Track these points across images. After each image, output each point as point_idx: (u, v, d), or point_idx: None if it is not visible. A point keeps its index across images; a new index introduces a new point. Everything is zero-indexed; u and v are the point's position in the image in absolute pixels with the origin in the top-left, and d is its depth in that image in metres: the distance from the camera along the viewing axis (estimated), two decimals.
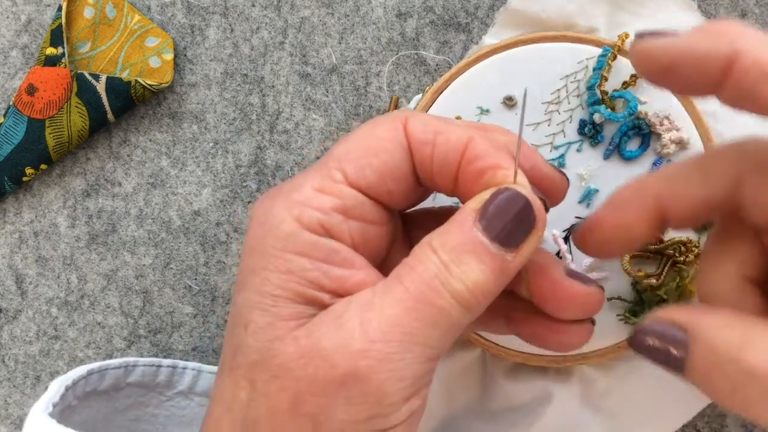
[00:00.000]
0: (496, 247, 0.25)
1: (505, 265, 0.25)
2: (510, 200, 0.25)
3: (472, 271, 0.25)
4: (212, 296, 0.43)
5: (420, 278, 0.24)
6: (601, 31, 0.39)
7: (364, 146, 0.26)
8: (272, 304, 0.25)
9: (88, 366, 0.36)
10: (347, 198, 0.26)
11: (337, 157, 0.26)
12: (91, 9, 0.42)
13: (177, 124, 0.43)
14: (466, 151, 0.26)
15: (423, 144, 0.27)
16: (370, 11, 0.42)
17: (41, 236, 0.43)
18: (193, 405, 0.41)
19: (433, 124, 0.27)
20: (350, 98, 0.42)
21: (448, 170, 0.27)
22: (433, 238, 0.25)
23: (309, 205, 0.25)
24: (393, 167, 0.27)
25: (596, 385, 0.39)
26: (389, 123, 0.27)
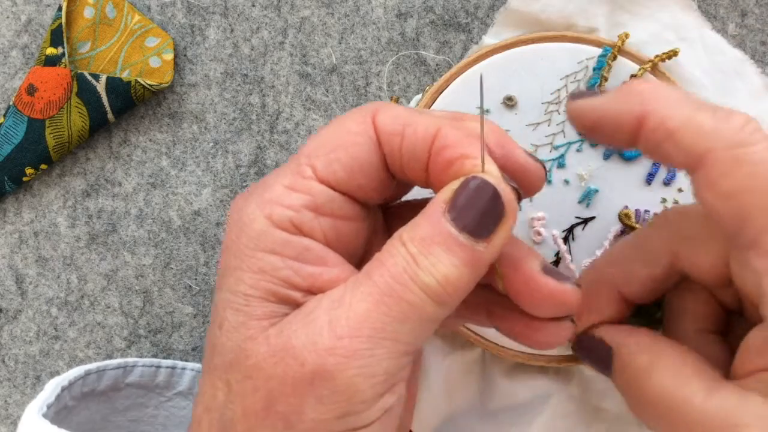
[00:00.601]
0: (466, 237, 0.24)
1: (477, 256, 0.25)
2: (478, 189, 0.25)
3: (441, 264, 0.24)
4: (212, 296, 0.43)
5: (388, 272, 0.24)
6: (601, 31, 0.39)
7: (332, 141, 0.26)
8: (245, 303, 0.25)
9: (85, 366, 0.36)
10: (317, 195, 0.26)
11: (306, 153, 0.26)
12: (91, 9, 0.42)
13: (177, 124, 0.43)
14: (434, 141, 0.26)
15: (391, 136, 0.26)
16: (370, 11, 0.42)
17: (41, 236, 0.43)
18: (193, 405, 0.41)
19: (402, 115, 0.26)
20: (350, 98, 0.42)
21: (417, 162, 0.26)
22: (403, 231, 0.25)
23: (279, 203, 0.25)
24: (362, 161, 0.26)
25: (596, 385, 0.39)
26: (358, 116, 0.27)
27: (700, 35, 0.39)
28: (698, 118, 0.25)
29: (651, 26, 0.39)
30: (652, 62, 0.37)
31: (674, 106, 0.25)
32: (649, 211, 0.38)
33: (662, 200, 0.38)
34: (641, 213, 0.38)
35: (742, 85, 0.39)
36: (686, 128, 0.25)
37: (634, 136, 0.26)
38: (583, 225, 0.38)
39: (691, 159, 0.25)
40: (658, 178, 0.38)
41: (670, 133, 0.25)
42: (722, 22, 0.40)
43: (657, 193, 0.38)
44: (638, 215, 0.38)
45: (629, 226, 0.37)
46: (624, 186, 0.38)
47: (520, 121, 0.38)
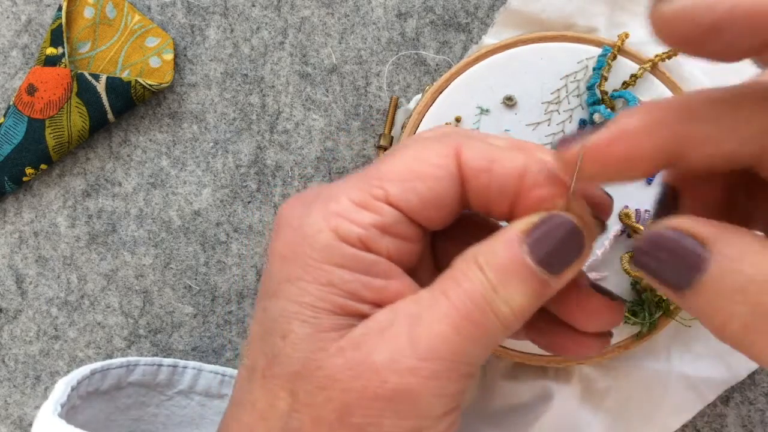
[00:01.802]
0: (542, 271, 0.25)
1: (547, 289, 0.25)
2: (560, 226, 0.25)
3: (517, 294, 0.25)
4: (212, 296, 0.43)
5: (467, 296, 0.25)
6: (601, 30, 0.39)
7: (410, 168, 0.26)
8: (312, 315, 0.25)
9: (91, 366, 0.36)
10: (387, 216, 0.26)
11: (380, 175, 0.26)
12: (91, 9, 0.42)
13: (177, 124, 0.43)
14: (523, 179, 0.26)
15: (479, 172, 0.26)
16: (370, 11, 0.42)
17: (41, 236, 0.43)
18: (194, 404, 0.41)
19: (486, 151, 0.26)
20: (350, 98, 0.42)
21: (504, 198, 0.26)
22: (478, 254, 0.25)
23: (347, 218, 0.25)
24: (437, 195, 0.26)
25: (596, 384, 0.39)
26: (441, 148, 0.26)
27: None
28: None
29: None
30: (652, 62, 0.38)
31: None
32: (649, 210, 0.38)
33: None
34: (641, 213, 0.38)
35: None
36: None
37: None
38: None
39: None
40: (658, 178, 0.38)
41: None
42: None
43: None
44: (638, 215, 0.38)
45: (629, 226, 0.37)
46: (624, 186, 0.38)
47: (520, 120, 0.38)
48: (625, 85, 0.38)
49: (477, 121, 0.38)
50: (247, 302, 0.43)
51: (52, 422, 0.31)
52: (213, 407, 0.41)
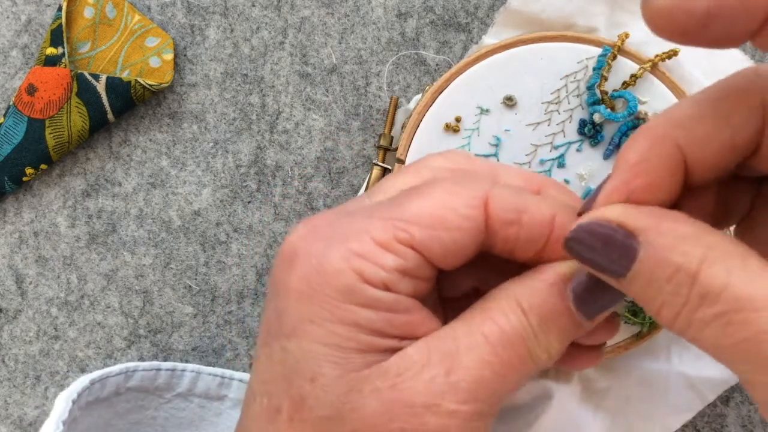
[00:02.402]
0: (580, 317, 0.25)
1: (580, 333, 0.26)
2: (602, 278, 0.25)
3: (556, 342, 0.25)
4: (212, 296, 0.43)
5: (509, 341, 0.24)
6: (601, 30, 0.39)
7: (438, 215, 0.25)
8: (342, 356, 0.25)
9: (90, 376, 0.36)
10: (410, 260, 0.25)
11: (405, 218, 0.25)
12: (91, 9, 0.42)
13: (177, 124, 0.43)
14: (553, 230, 0.26)
15: (508, 225, 0.26)
16: (370, 11, 0.42)
17: (41, 236, 0.43)
18: (193, 406, 0.41)
19: (514, 202, 0.26)
20: (350, 98, 0.42)
21: (532, 248, 0.26)
22: (518, 293, 0.25)
23: (371, 260, 0.25)
24: (462, 245, 0.26)
25: (596, 384, 0.39)
26: (470, 197, 0.26)
27: None
28: None
29: None
30: (651, 62, 0.38)
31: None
32: None
33: None
34: None
35: None
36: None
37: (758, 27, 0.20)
38: None
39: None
40: None
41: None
42: None
43: None
44: None
45: None
46: None
47: (520, 120, 0.38)
48: (625, 85, 0.38)
49: (477, 121, 0.38)
50: (247, 302, 0.43)
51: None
52: (212, 409, 0.41)
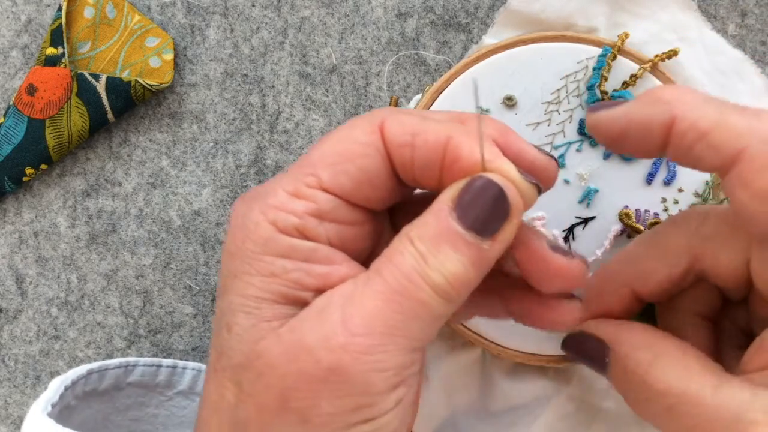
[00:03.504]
0: (472, 236, 0.25)
1: (483, 254, 0.25)
2: (484, 188, 0.25)
3: (449, 262, 0.25)
4: (212, 296, 0.43)
5: (399, 270, 0.25)
6: (601, 30, 0.39)
7: (339, 151, 0.26)
8: (255, 306, 0.25)
9: (88, 366, 0.36)
10: (321, 202, 0.26)
11: (311, 162, 0.26)
12: (91, 9, 0.42)
13: (177, 124, 0.43)
14: (446, 151, 0.26)
15: (401, 147, 0.26)
16: (370, 11, 0.42)
17: (41, 236, 0.43)
18: (194, 405, 0.41)
19: (409, 124, 0.26)
20: (350, 98, 0.42)
21: (430, 170, 0.26)
22: (411, 228, 0.26)
23: (283, 209, 0.26)
24: (370, 173, 0.26)
25: (595, 385, 0.39)
26: (366, 125, 0.27)
27: (699, 35, 0.39)
28: (730, 118, 0.25)
29: (651, 26, 0.39)
30: (652, 62, 0.37)
31: (703, 107, 0.25)
32: (649, 211, 0.38)
33: (662, 200, 0.38)
34: (641, 213, 0.38)
35: (742, 85, 0.39)
36: (718, 128, 0.25)
37: (663, 142, 0.26)
38: (583, 225, 0.38)
39: (725, 158, 0.25)
40: (658, 178, 0.38)
41: (702, 135, 0.25)
42: (722, 22, 0.40)
43: (657, 193, 0.38)
44: (638, 215, 0.38)
45: (629, 226, 0.37)
46: (624, 186, 0.38)
47: (520, 121, 0.38)
48: (625, 85, 0.38)
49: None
50: None
51: (41, 421, 0.31)
52: None
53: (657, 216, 0.37)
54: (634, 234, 0.37)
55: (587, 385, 0.39)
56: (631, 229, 0.37)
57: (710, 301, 0.31)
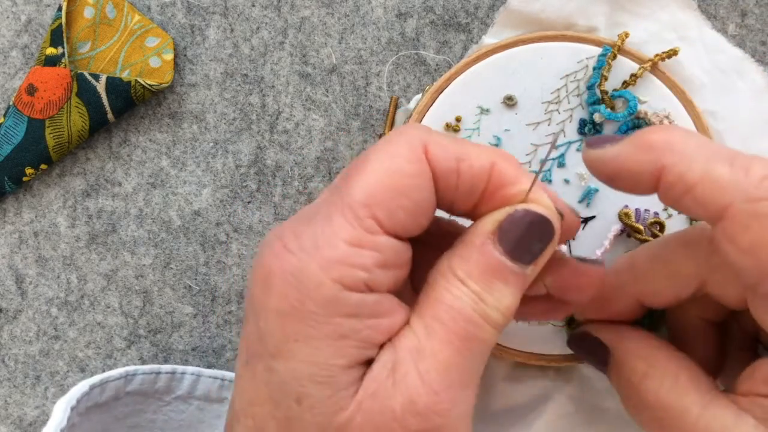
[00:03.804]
0: (519, 266, 0.25)
1: (527, 280, 0.26)
2: (526, 218, 0.25)
3: (504, 297, 0.25)
4: (212, 296, 0.43)
5: (460, 315, 0.25)
6: (601, 30, 0.39)
7: (390, 185, 0.25)
8: (328, 374, 0.24)
9: (89, 381, 0.35)
10: (386, 250, 0.25)
11: (362, 201, 0.24)
12: (91, 9, 0.42)
13: (177, 124, 0.43)
14: (491, 177, 0.26)
15: (447, 173, 0.26)
16: (370, 11, 0.42)
17: (41, 236, 0.43)
18: (192, 409, 0.40)
19: (453, 148, 0.26)
20: (350, 98, 0.42)
21: (472, 197, 0.26)
22: (453, 265, 0.25)
23: (349, 264, 0.24)
24: (424, 204, 0.25)
25: (595, 384, 0.39)
26: (409, 152, 0.25)
27: (699, 34, 0.39)
28: (716, 171, 0.25)
29: (651, 25, 0.39)
30: (652, 61, 0.37)
31: (691, 158, 0.25)
32: (648, 210, 0.38)
33: None
34: (641, 212, 0.38)
35: (742, 84, 0.39)
36: (704, 183, 0.25)
37: (653, 188, 0.26)
38: (584, 224, 0.38)
39: (711, 213, 0.25)
40: None
41: (688, 188, 0.25)
42: (722, 22, 0.40)
43: None
44: (638, 214, 0.38)
45: (629, 226, 0.37)
46: None
47: (520, 120, 0.38)
48: (626, 85, 0.38)
49: (477, 121, 0.38)
50: None
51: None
52: (212, 411, 0.41)
53: (657, 215, 0.37)
54: (634, 234, 0.37)
55: (587, 385, 0.39)
56: (631, 229, 0.37)
57: (717, 308, 0.31)
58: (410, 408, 0.24)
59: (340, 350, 0.24)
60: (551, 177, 0.38)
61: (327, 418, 0.24)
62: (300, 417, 0.24)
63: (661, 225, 0.37)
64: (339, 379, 0.24)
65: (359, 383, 0.24)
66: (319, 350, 0.24)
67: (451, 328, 0.24)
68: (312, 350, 0.24)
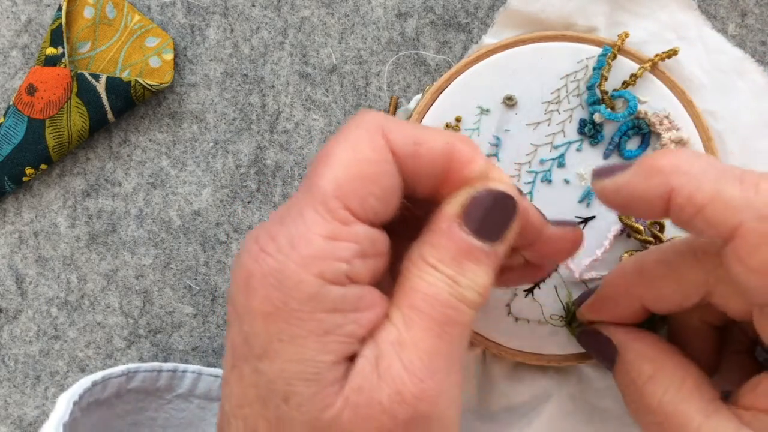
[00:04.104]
0: (488, 244, 0.25)
1: (498, 256, 0.26)
2: (489, 196, 0.26)
3: (477, 276, 0.25)
4: (212, 296, 0.43)
5: (437, 301, 0.25)
6: (601, 30, 0.39)
7: (357, 174, 0.25)
8: (314, 371, 0.24)
9: (92, 377, 0.35)
10: (362, 240, 0.25)
11: (332, 193, 0.24)
12: (91, 9, 0.42)
13: (177, 124, 0.43)
14: (449, 160, 0.26)
15: (407, 157, 0.26)
16: (370, 11, 0.42)
17: (41, 236, 0.43)
18: (193, 407, 0.40)
19: (410, 132, 0.26)
20: (350, 98, 0.42)
21: (432, 180, 0.26)
22: (424, 252, 0.25)
23: (328, 258, 0.24)
24: (393, 189, 0.26)
25: (595, 384, 0.39)
26: (370, 139, 0.25)
27: (699, 34, 0.39)
28: (726, 191, 0.25)
29: (651, 25, 0.39)
30: (652, 61, 0.37)
31: (699, 179, 0.25)
32: None
33: None
34: None
35: (743, 84, 0.39)
36: (714, 203, 0.25)
37: (664, 212, 0.26)
38: (584, 224, 0.38)
39: (721, 233, 0.25)
40: None
41: (698, 209, 0.25)
42: (722, 22, 0.40)
43: None
44: None
45: (629, 226, 0.37)
46: None
47: (520, 120, 0.38)
48: (625, 85, 0.38)
49: (477, 121, 0.38)
50: None
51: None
52: (212, 410, 0.41)
53: None
54: (634, 234, 0.37)
55: (587, 384, 0.39)
56: (631, 229, 0.37)
57: (720, 315, 0.31)
58: (397, 398, 0.24)
59: (325, 346, 0.24)
60: (551, 177, 0.38)
61: (315, 415, 0.24)
62: (289, 416, 0.24)
63: (661, 225, 0.37)
64: (325, 376, 0.24)
65: (344, 379, 0.24)
66: (305, 348, 0.24)
67: (430, 314, 0.24)
68: (297, 348, 0.24)
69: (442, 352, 0.24)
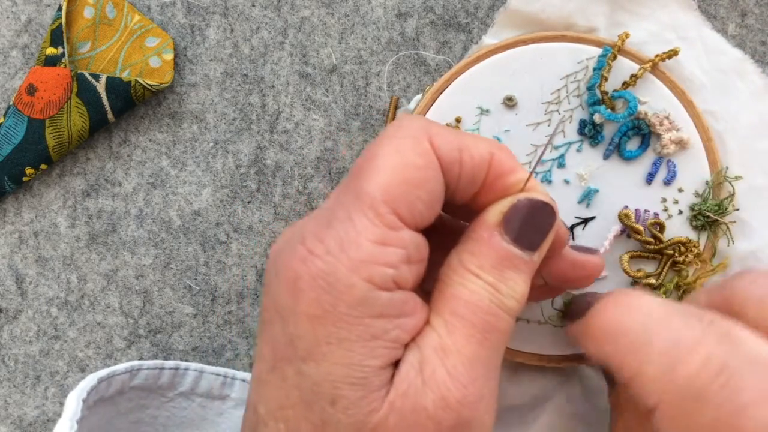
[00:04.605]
0: (527, 253, 0.26)
1: (534, 265, 0.27)
2: (532, 207, 0.26)
3: (517, 284, 0.26)
4: (212, 296, 0.43)
5: (478, 308, 0.25)
6: (601, 30, 0.39)
7: (404, 179, 0.25)
8: (361, 375, 0.24)
9: (97, 374, 0.36)
10: (409, 245, 0.25)
11: (381, 198, 0.24)
12: (91, 9, 0.42)
13: (177, 124, 0.43)
14: (490, 168, 0.27)
15: (451, 163, 0.26)
16: (370, 11, 0.42)
17: (41, 236, 0.43)
18: (194, 406, 0.40)
19: (454, 139, 0.26)
20: (350, 98, 0.42)
21: (473, 187, 0.27)
22: (464, 260, 0.26)
23: (377, 263, 0.24)
24: (437, 195, 0.26)
25: (595, 384, 0.39)
26: (416, 144, 0.26)
27: (699, 35, 0.39)
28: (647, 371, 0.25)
29: (651, 26, 0.39)
30: (652, 62, 0.37)
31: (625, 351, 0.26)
32: (648, 211, 0.38)
33: (662, 200, 0.38)
34: (641, 213, 0.38)
35: (742, 85, 0.39)
36: (635, 381, 0.25)
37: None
38: (583, 225, 0.38)
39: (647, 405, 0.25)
40: (658, 178, 0.38)
41: (626, 381, 0.26)
42: (722, 22, 0.40)
43: (657, 193, 0.38)
44: (638, 215, 0.38)
45: (629, 226, 0.37)
46: (624, 186, 0.38)
47: (520, 121, 0.38)
48: (626, 85, 0.38)
49: (477, 122, 0.38)
50: (247, 302, 0.43)
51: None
52: (214, 408, 0.41)
53: (657, 216, 0.37)
54: (634, 234, 0.37)
55: (587, 385, 0.39)
56: (631, 230, 0.37)
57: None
58: (442, 404, 0.24)
59: (372, 351, 0.24)
60: (551, 177, 0.38)
61: (361, 418, 0.24)
62: (335, 419, 0.24)
63: (661, 225, 0.37)
64: (371, 381, 0.24)
65: (389, 384, 0.25)
66: (353, 352, 0.24)
67: (471, 321, 0.25)
68: (345, 352, 0.24)
69: (482, 358, 0.25)
